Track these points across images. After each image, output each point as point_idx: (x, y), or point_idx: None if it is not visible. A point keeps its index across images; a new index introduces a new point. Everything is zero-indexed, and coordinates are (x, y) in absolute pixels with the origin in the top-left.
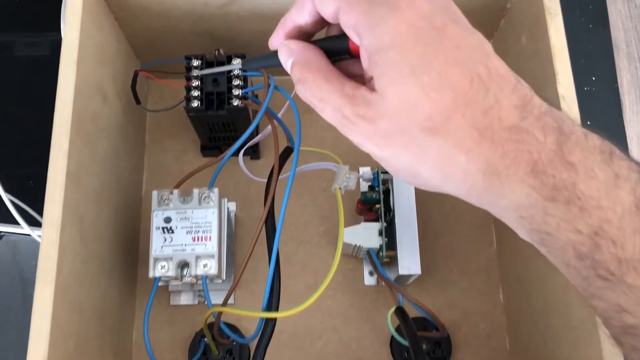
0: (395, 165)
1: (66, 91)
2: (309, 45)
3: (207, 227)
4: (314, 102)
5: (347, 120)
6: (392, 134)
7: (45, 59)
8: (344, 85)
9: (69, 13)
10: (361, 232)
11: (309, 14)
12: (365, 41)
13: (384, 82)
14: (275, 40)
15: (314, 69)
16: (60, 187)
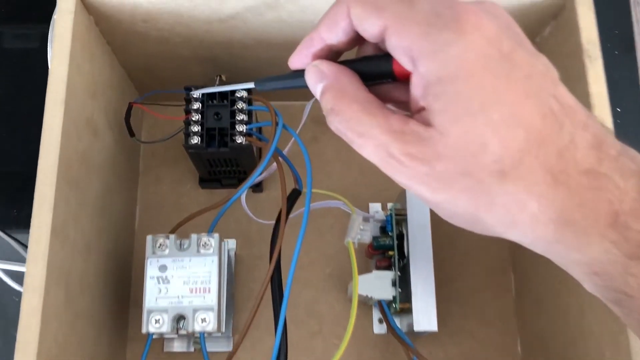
0: (451, 210)
1: (52, 134)
2: (343, 68)
3: (206, 278)
4: (351, 137)
5: (394, 159)
6: (452, 177)
7: (35, 51)
8: (388, 118)
9: (57, 44)
10: (373, 282)
11: (343, 32)
12: (422, 68)
13: (446, 118)
14: (297, 60)
15: (350, 97)
16: (45, 246)
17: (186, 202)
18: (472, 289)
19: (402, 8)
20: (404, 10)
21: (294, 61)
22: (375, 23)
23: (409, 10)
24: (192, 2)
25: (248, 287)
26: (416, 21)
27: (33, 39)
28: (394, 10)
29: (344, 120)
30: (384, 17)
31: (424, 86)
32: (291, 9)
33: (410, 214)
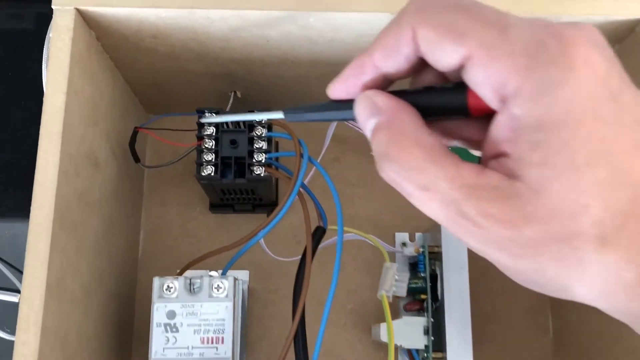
0: (532, 278)
1: (47, 175)
2: (403, 103)
3: (220, 326)
4: (410, 190)
5: (467, 220)
6: (541, 243)
7: (31, 33)
8: (459, 168)
9: (52, 68)
10: (402, 328)
11: (404, 60)
12: (517, 110)
13: (544, 172)
14: (341, 89)
15: (411, 140)
16: (39, 307)
17: (194, 227)
18: (507, 330)
19: (492, 34)
20: (494, 37)
21: (336, 90)
22: (454, 51)
23: (502, 37)
24: (208, 19)
25: (262, 325)
26: (511, 51)
27: (29, 19)
28: (480, 37)
29: (402, 168)
30: (466, 44)
31: (516, 130)
32: (321, 28)
33: (446, 252)
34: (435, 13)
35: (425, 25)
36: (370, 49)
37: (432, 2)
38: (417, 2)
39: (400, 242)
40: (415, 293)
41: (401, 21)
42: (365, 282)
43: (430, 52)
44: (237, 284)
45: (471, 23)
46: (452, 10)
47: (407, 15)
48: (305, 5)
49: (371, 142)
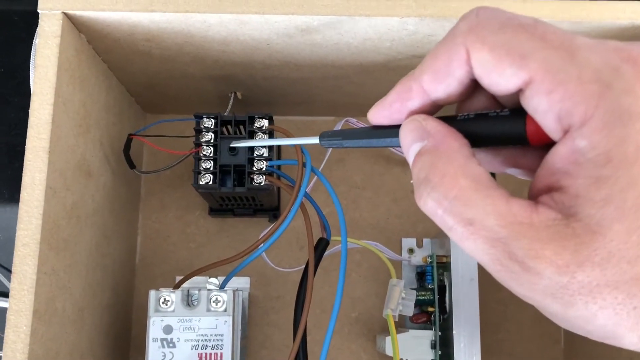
0: (581, 325)
1: (33, 194)
2: (452, 129)
3: (218, 342)
4: (451, 223)
5: (515, 262)
6: (595, 289)
7: (25, 13)
8: (510, 203)
9: (39, 78)
10: (409, 342)
11: (457, 83)
12: (583, 141)
13: (607, 213)
14: (385, 115)
15: (456, 168)
16: (25, 334)
17: (194, 232)
18: (517, 339)
19: (557, 56)
20: (559, 60)
21: (379, 115)
22: (513, 75)
23: (568, 61)
24: (205, 23)
25: (263, 333)
26: (580, 77)
27: (19, 15)
28: (543, 59)
29: (444, 197)
30: (527, 67)
31: (577, 164)
32: (327, 33)
33: (455, 262)
34: (491, 33)
35: (480, 46)
36: (417, 72)
37: (487, 21)
38: (470, 20)
39: (407, 248)
40: (423, 305)
41: (453, 42)
42: (370, 290)
43: (486, 75)
44: (236, 297)
45: (533, 44)
46: (510, 29)
47: (460, 36)
48: (309, 10)
49: (412, 167)
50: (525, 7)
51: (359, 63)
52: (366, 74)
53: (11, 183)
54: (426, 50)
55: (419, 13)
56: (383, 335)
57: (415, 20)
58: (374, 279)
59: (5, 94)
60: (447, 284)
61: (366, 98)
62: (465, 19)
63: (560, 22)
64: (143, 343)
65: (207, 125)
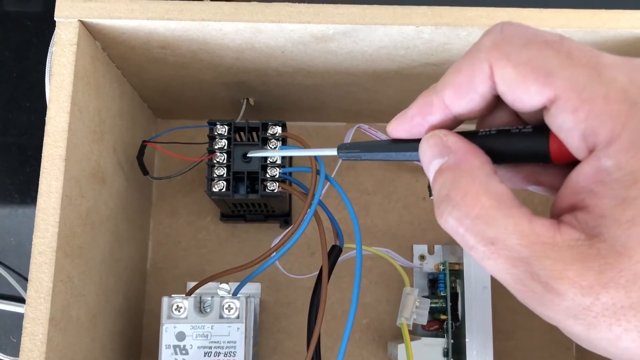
0: (605, 348)
1: (50, 202)
2: (474, 146)
3: (231, 349)
4: (472, 242)
5: (538, 283)
6: (620, 311)
7: (38, 15)
8: (532, 223)
9: (55, 86)
10: (421, 350)
11: (479, 98)
12: (608, 160)
13: (633, 234)
14: (405, 128)
15: (478, 186)
16: (42, 342)
17: (205, 237)
18: (529, 347)
19: (583, 74)
20: (585, 78)
21: (398, 129)
22: (538, 92)
23: (595, 79)
24: (220, 31)
25: (274, 339)
26: (606, 95)
27: (35, 1)
28: (569, 77)
29: (466, 216)
30: (553, 85)
31: (603, 183)
32: (342, 41)
33: (468, 270)
34: (516, 49)
35: (505, 62)
36: (439, 86)
37: (511, 37)
38: (495, 35)
39: (418, 254)
40: (435, 312)
41: (476, 57)
42: (382, 296)
43: (510, 91)
44: (248, 304)
45: (558, 61)
46: (535, 46)
47: (484, 51)
48: (325, 18)
49: (433, 183)
50: (542, 17)
51: (372, 70)
52: (379, 81)
53: (22, 187)
54: (441, 59)
55: (435, 22)
56: (395, 342)
57: (431, 28)
58: (385, 285)
59: (16, 97)
60: (460, 291)
61: (378, 105)
62: (490, 34)
63: (576, 32)
64: (154, 348)
65: (221, 132)
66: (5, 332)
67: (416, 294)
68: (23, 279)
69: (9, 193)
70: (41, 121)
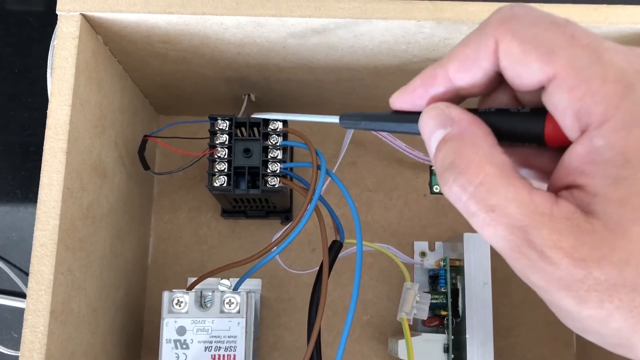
0: (594, 327)
1: (51, 195)
2: (476, 117)
3: (231, 343)
4: (474, 209)
5: (534, 251)
6: (612, 289)
7: (40, 14)
8: (532, 194)
9: (57, 79)
10: (421, 346)
11: (482, 73)
12: (601, 141)
13: (625, 213)
14: (407, 100)
15: (482, 155)
16: (43, 334)
17: (206, 233)
18: (529, 343)
19: (583, 55)
20: (585, 59)
21: (400, 100)
22: (538, 69)
23: (594, 60)
24: (222, 25)
25: (274, 335)
26: (604, 76)
27: (37, 0)
28: (569, 56)
29: (470, 183)
30: (553, 63)
31: (595, 163)
32: (343, 35)
33: (468, 266)
34: (523, 26)
35: (510, 38)
36: (444, 60)
37: (519, 14)
38: (503, 13)
39: (419, 251)
40: (435, 308)
41: (483, 32)
42: (382, 293)
43: (511, 67)
44: (249, 299)
45: (561, 41)
46: (541, 25)
47: (491, 27)
48: (325, 12)
49: (436, 154)
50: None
51: (373, 66)
52: (380, 77)
53: (24, 183)
54: (442, 54)
55: (436, 16)
56: (395, 338)
57: (432, 23)
58: (386, 281)
59: (18, 93)
60: (460, 287)
61: (379, 101)
62: (499, 12)
63: None
64: (155, 344)
65: (222, 127)
66: (6, 327)
67: (417, 289)
68: (24, 274)
69: (11, 189)
70: (43, 118)
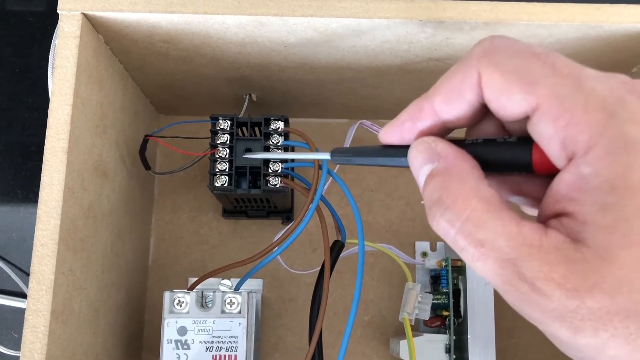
0: (594, 356)
1: (52, 194)
2: (462, 151)
3: (232, 344)
4: (462, 244)
5: (525, 283)
6: (606, 317)
7: (41, 14)
8: (520, 226)
9: (58, 79)
10: (423, 346)
11: (467, 105)
12: (587, 169)
13: (614, 239)
14: (395, 134)
15: (468, 190)
16: (43, 334)
17: (207, 233)
18: (531, 344)
19: (565, 84)
20: (567, 88)
21: (389, 134)
22: (522, 100)
23: (576, 89)
24: (223, 24)
25: (276, 335)
26: (585, 105)
27: (38, 1)
28: (551, 86)
29: (457, 218)
30: (536, 93)
31: (583, 191)
32: (345, 35)
33: (470, 267)
34: (505, 58)
35: (492, 70)
36: (430, 93)
37: (500, 47)
38: (484, 45)
39: (420, 251)
40: (437, 309)
41: (467, 64)
42: (383, 293)
43: (495, 98)
44: (250, 299)
45: (543, 71)
46: (522, 56)
47: (473, 59)
48: (327, 12)
49: (424, 188)
50: (545, 11)
51: (375, 65)
52: (382, 77)
53: (25, 183)
54: (444, 53)
55: (438, 15)
56: (397, 338)
57: (434, 22)
58: (387, 282)
59: (19, 93)
60: (462, 288)
61: (380, 100)
62: (481, 44)
63: (580, 26)
64: (155, 344)
65: (223, 127)
66: (7, 327)
67: (418, 289)
68: (25, 275)
69: (12, 189)
70: (44, 118)
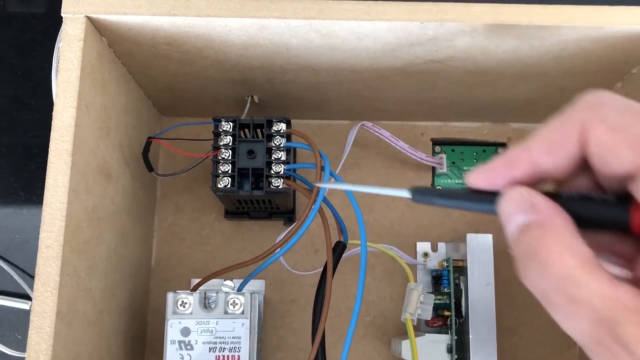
0: None
1: (56, 196)
2: (557, 206)
3: (236, 344)
4: (556, 301)
5: (620, 346)
6: None
7: (42, 16)
8: (616, 286)
9: (62, 81)
10: (425, 346)
11: (567, 158)
12: None
13: None
14: (486, 179)
15: (564, 246)
16: (49, 335)
17: (209, 234)
18: (532, 344)
19: None
20: None
21: (479, 179)
22: (628, 159)
23: None
24: (226, 27)
25: (278, 336)
26: None
27: (39, 2)
28: None
29: (552, 275)
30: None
31: None
32: (346, 37)
33: (471, 266)
34: (612, 114)
35: (598, 124)
36: (528, 142)
37: (606, 102)
38: (590, 99)
39: (421, 252)
40: (438, 309)
41: (571, 117)
42: (385, 293)
43: (599, 154)
44: (253, 300)
45: None
46: (629, 113)
47: (578, 112)
48: (329, 14)
49: (516, 239)
50: (546, 13)
51: (376, 67)
52: (383, 79)
53: (27, 185)
54: (445, 55)
55: (440, 18)
56: (399, 338)
57: (436, 25)
58: (389, 282)
59: (21, 96)
60: (463, 288)
61: (382, 102)
62: (586, 97)
63: (580, 28)
64: (159, 345)
65: (226, 129)
66: (10, 329)
67: (420, 289)
68: (28, 276)
69: (14, 191)
70: (46, 120)
